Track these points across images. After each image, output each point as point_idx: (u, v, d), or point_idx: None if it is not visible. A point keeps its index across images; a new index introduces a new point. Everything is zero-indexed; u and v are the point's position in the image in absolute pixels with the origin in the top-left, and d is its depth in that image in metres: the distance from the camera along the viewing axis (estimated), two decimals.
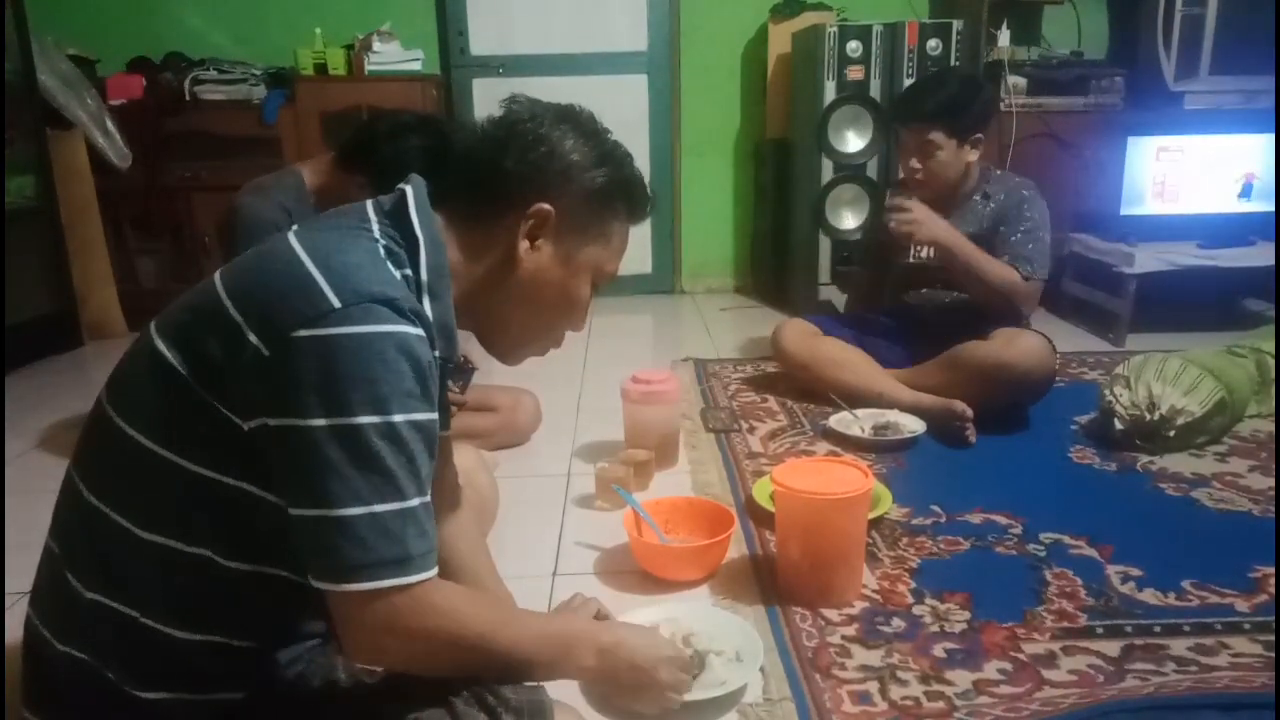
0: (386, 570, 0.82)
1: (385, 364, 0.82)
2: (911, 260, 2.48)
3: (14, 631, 1.45)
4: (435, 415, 0.89)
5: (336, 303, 0.82)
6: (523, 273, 1.00)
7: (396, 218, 0.95)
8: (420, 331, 0.87)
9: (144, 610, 0.88)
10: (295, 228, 0.95)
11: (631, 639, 1.11)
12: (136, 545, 0.87)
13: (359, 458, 0.81)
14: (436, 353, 0.92)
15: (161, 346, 0.87)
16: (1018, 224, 2.33)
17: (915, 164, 2.36)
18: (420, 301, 0.91)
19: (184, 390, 0.85)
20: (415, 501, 0.85)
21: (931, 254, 2.43)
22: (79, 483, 0.91)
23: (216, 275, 0.91)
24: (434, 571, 0.86)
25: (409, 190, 0.97)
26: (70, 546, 0.92)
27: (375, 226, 0.94)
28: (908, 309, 2.56)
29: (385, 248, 0.92)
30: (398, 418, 0.83)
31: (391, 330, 0.84)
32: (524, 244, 0.99)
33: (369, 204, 0.98)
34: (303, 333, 0.81)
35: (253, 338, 0.82)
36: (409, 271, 0.92)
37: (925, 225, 2.27)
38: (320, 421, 0.81)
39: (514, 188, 0.98)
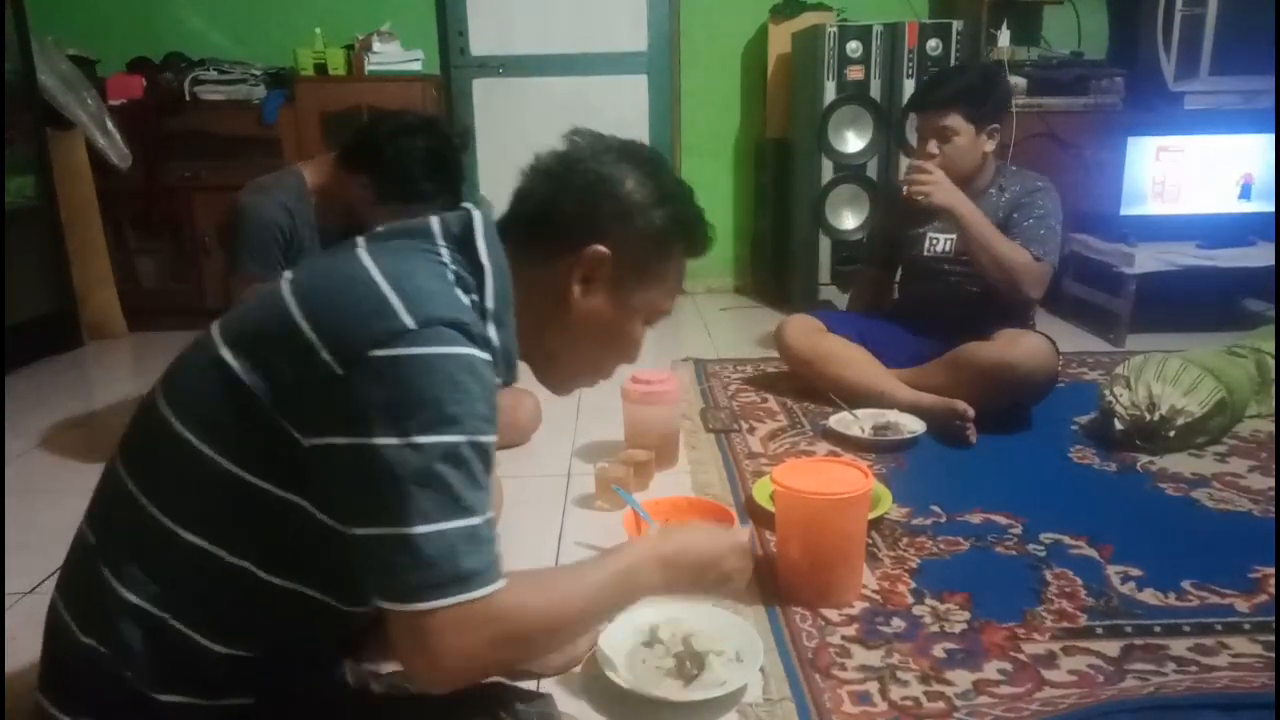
0: (453, 588, 0.81)
1: (456, 385, 0.83)
2: (925, 254, 2.48)
3: (14, 630, 1.46)
4: (495, 438, 0.89)
5: (411, 324, 0.83)
6: (576, 314, 1.00)
7: (463, 243, 0.95)
8: (487, 356, 0.88)
9: (176, 614, 0.88)
10: (364, 245, 0.94)
11: (689, 542, 1.08)
12: (180, 548, 0.87)
13: (427, 477, 0.81)
14: (498, 379, 0.93)
15: (228, 356, 0.87)
16: (1030, 211, 2.33)
17: (933, 149, 2.35)
18: (485, 328, 0.92)
19: (248, 402, 0.85)
20: (480, 519, 0.84)
21: (947, 248, 2.43)
22: (126, 478, 0.91)
23: (286, 288, 0.90)
24: (500, 584, 0.84)
25: (476, 216, 0.97)
26: (109, 540, 0.92)
27: (444, 251, 0.94)
28: (915, 305, 2.57)
29: (454, 273, 0.92)
30: (465, 438, 0.83)
31: (462, 353, 0.84)
32: (577, 287, 0.99)
33: (434, 224, 0.97)
34: (377, 352, 0.82)
35: (325, 355, 0.83)
36: (475, 298, 0.93)
37: (942, 188, 2.27)
38: (390, 441, 0.81)
39: (571, 229, 0.97)
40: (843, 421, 2.29)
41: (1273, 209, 3.24)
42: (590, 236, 0.97)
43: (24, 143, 3.23)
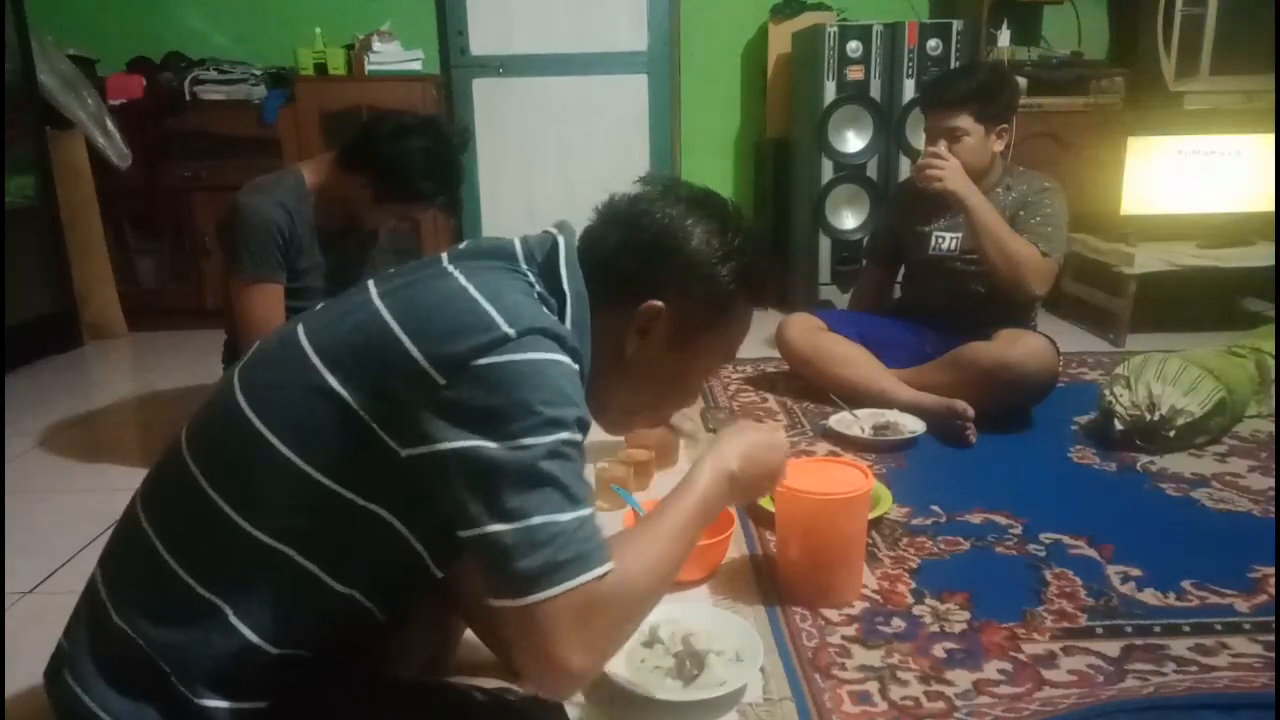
0: (568, 571, 0.82)
1: (556, 389, 0.85)
2: (931, 252, 2.48)
3: (14, 630, 1.46)
4: (584, 439, 0.91)
5: (511, 332, 0.85)
6: (631, 362, 1.01)
7: (546, 269, 0.97)
8: (577, 367, 0.90)
9: (235, 608, 0.89)
10: (453, 263, 0.95)
11: (750, 453, 1.08)
12: (252, 547, 0.88)
13: (535, 475, 0.83)
14: None
15: (324, 370, 0.88)
16: (1038, 209, 2.33)
17: (942, 150, 2.33)
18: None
19: (347, 417, 0.86)
20: (588, 510, 0.86)
21: (954, 246, 2.43)
22: (195, 470, 0.91)
23: (380, 304, 0.91)
24: (611, 564, 0.85)
25: (561, 242, 0.98)
26: (172, 528, 0.92)
27: (529, 273, 0.96)
28: (918, 304, 2.56)
29: (539, 294, 0.94)
30: (566, 436, 0.85)
31: (559, 359, 0.87)
32: (634, 339, 1.00)
33: (518, 246, 0.98)
34: (480, 361, 0.84)
35: (428, 367, 0.84)
36: (556, 319, 0.94)
37: (956, 176, 2.26)
38: (497, 444, 0.82)
39: (631, 282, 0.98)
40: (843, 421, 2.29)
41: (1273, 209, 3.24)
42: (649, 292, 0.98)
43: (24, 143, 3.23)
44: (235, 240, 1.98)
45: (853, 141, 3.46)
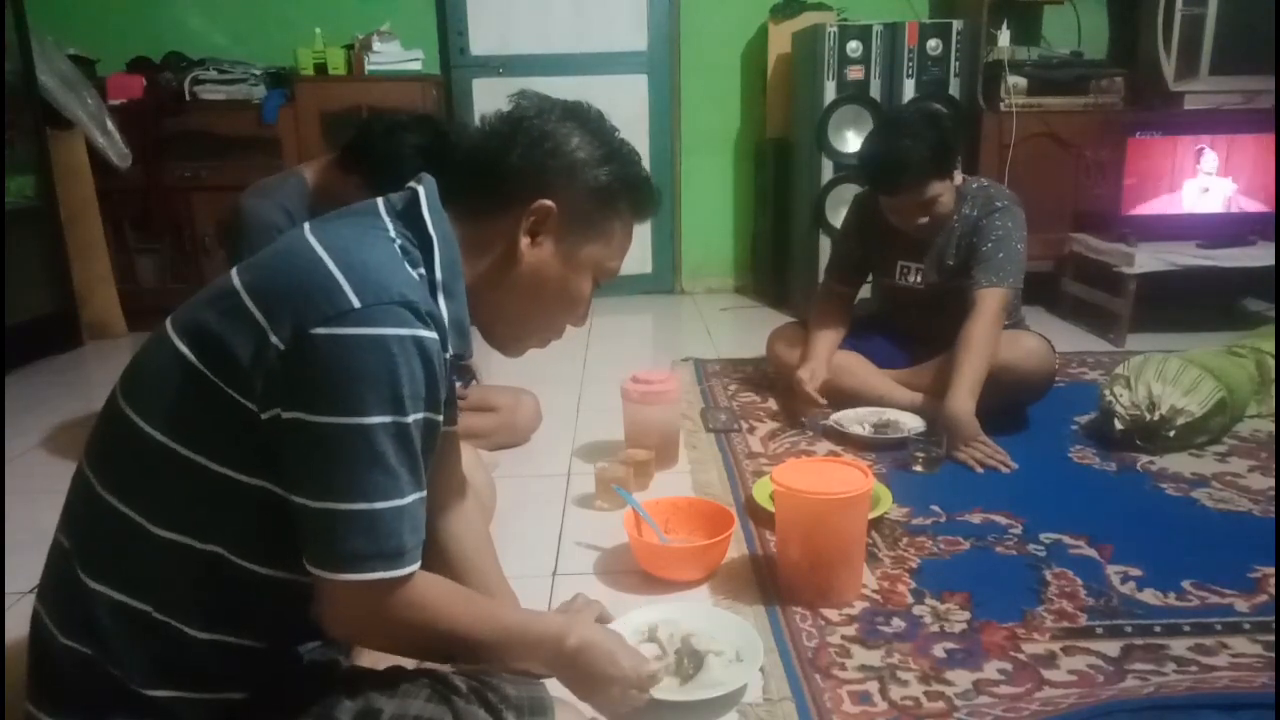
0: (379, 563, 0.85)
1: (399, 366, 0.84)
2: (898, 281, 2.43)
3: (14, 631, 1.46)
4: (441, 417, 0.92)
5: (356, 303, 0.84)
6: (524, 267, 1.01)
7: (409, 217, 0.97)
8: (434, 335, 0.89)
9: (158, 606, 0.89)
10: (309, 225, 0.96)
11: (595, 636, 1.07)
12: (151, 541, 0.88)
13: (365, 456, 0.84)
14: (449, 352, 0.94)
15: (181, 345, 0.88)
16: (988, 235, 2.24)
17: (923, 220, 2.24)
18: (435, 300, 0.93)
19: (204, 386, 0.86)
20: (413, 498, 0.87)
21: (918, 279, 2.38)
22: (93, 479, 0.92)
23: (234, 274, 0.92)
24: (415, 567, 0.89)
25: (421, 190, 0.99)
26: (82, 541, 0.92)
27: (389, 225, 0.95)
28: (896, 322, 2.52)
29: (401, 247, 0.93)
30: (406, 419, 0.85)
31: (407, 334, 0.85)
32: (525, 239, 1.00)
33: (379, 202, 0.99)
34: (321, 330, 0.83)
35: (273, 335, 0.84)
36: (423, 270, 0.94)
37: (977, 436, 2.10)
38: (331, 419, 0.83)
39: (517, 183, 0.99)
40: (843, 419, 2.29)
41: (1273, 209, 3.24)
42: (536, 191, 0.98)
43: (24, 143, 3.23)
44: (238, 242, 1.98)
45: (853, 141, 3.45)
